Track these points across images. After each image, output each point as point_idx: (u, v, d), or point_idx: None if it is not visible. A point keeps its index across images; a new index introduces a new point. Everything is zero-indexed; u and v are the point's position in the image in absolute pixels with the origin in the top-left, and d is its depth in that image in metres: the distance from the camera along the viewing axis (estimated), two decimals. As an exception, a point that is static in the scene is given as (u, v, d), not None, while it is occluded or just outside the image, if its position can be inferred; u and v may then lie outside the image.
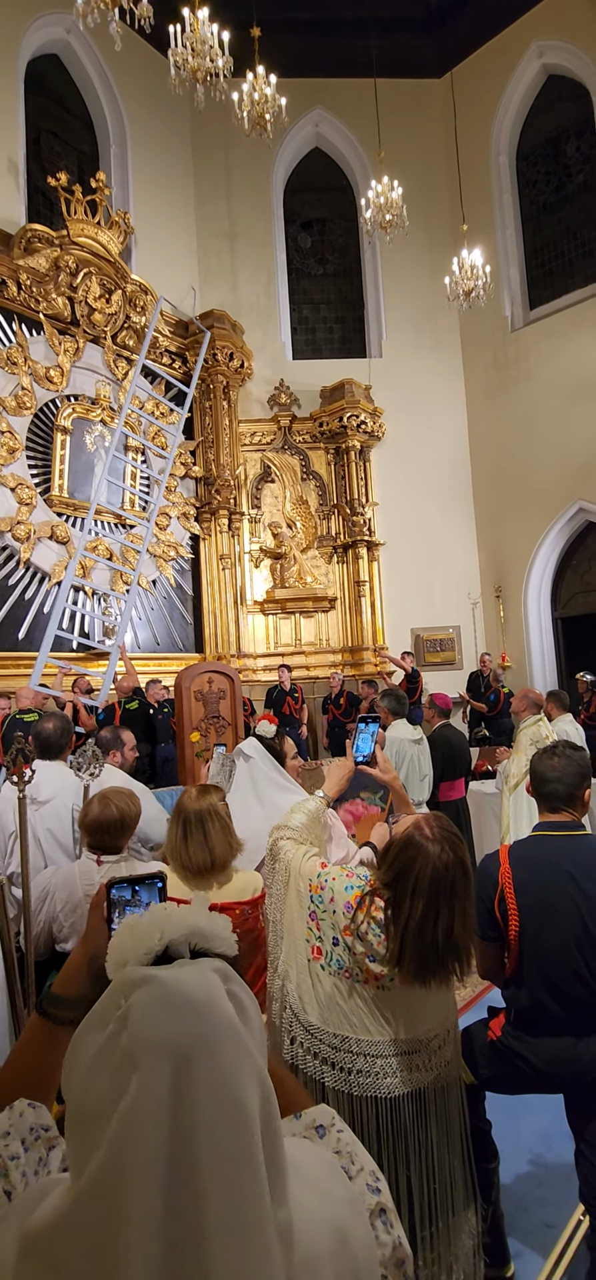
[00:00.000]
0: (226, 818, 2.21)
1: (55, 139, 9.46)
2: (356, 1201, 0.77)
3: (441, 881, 1.60)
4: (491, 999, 2.39)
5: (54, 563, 8.09)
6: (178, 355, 9.80)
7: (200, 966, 0.66)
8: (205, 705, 5.57)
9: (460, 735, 5.11)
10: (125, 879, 1.07)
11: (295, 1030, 1.78)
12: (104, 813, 2.38)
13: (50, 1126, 0.89)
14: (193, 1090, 0.57)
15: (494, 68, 10.80)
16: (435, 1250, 1.80)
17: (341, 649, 10.22)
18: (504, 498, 10.45)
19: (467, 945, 1.63)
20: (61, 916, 2.45)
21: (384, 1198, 0.90)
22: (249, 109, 6.44)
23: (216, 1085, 0.58)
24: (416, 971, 1.60)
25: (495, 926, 2.01)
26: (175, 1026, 0.59)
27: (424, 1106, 1.77)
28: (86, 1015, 0.65)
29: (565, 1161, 2.61)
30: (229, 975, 0.67)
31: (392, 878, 1.66)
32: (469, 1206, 1.87)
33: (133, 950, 0.66)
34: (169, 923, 0.68)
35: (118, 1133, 0.56)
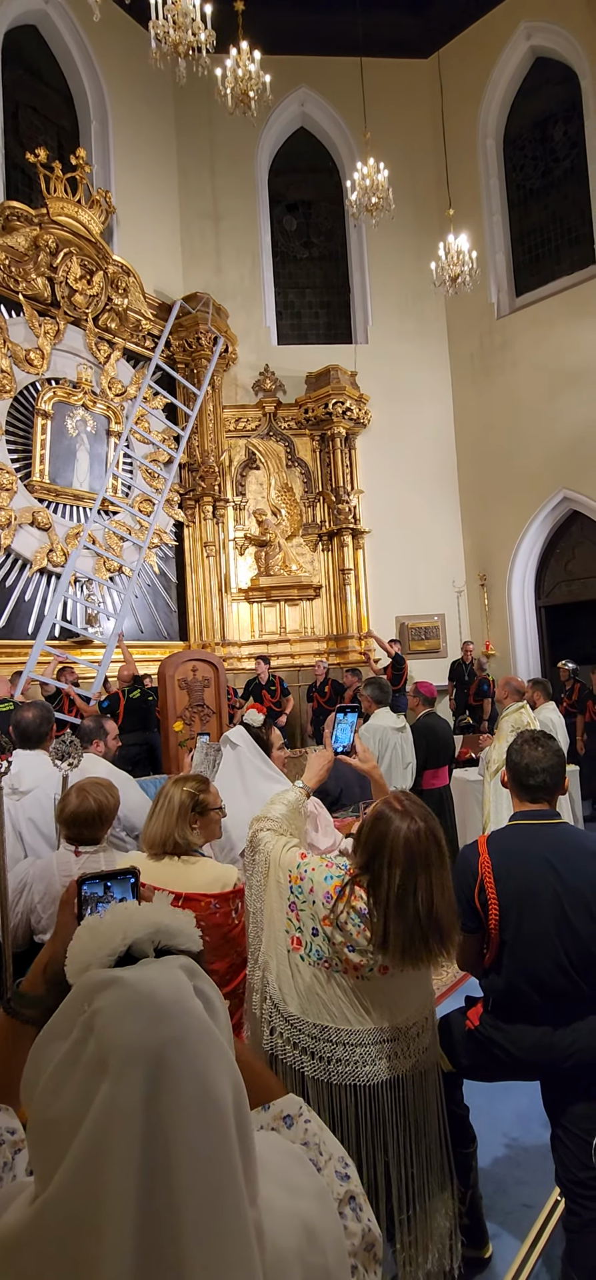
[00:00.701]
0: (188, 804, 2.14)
1: (34, 113, 9.24)
2: (324, 1195, 0.76)
3: (415, 850, 1.61)
4: (469, 987, 2.40)
5: (35, 549, 7.98)
6: (160, 338, 9.65)
7: (166, 965, 0.64)
8: (189, 694, 5.54)
9: (444, 723, 5.13)
10: (97, 875, 1.05)
11: (275, 1021, 1.78)
12: (81, 805, 2.36)
13: (16, 1130, 0.87)
14: (166, 1093, 0.56)
15: (481, 49, 10.70)
16: (413, 1233, 1.83)
17: (326, 637, 10.21)
18: (489, 486, 10.46)
19: (451, 922, 1.64)
20: (39, 908, 2.44)
21: (352, 1184, 0.90)
22: (232, 86, 6.31)
23: (191, 1086, 0.57)
24: (402, 951, 1.60)
25: (475, 917, 2.01)
26: (145, 1030, 0.57)
27: (402, 1093, 1.78)
28: (47, 1023, 0.63)
29: (542, 1143, 2.64)
30: (195, 972, 0.65)
31: (368, 857, 1.67)
32: (445, 1189, 1.90)
33: (95, 953, 0.65)
34: (131, 922, 0.67)
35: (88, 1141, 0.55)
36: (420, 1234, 1.80)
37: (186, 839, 2.09)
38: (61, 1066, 0.59)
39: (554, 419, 9.79)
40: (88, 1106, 0.55)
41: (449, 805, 4.97)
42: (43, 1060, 0.61)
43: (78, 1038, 0.59)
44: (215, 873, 2.10)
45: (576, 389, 9.61)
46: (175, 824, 2.09)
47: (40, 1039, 0.63)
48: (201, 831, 2.16)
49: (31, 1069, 0.63)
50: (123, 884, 1.05)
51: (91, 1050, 0.57)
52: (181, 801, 2.11)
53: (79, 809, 2.36)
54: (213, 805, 2.20)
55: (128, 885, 1.05)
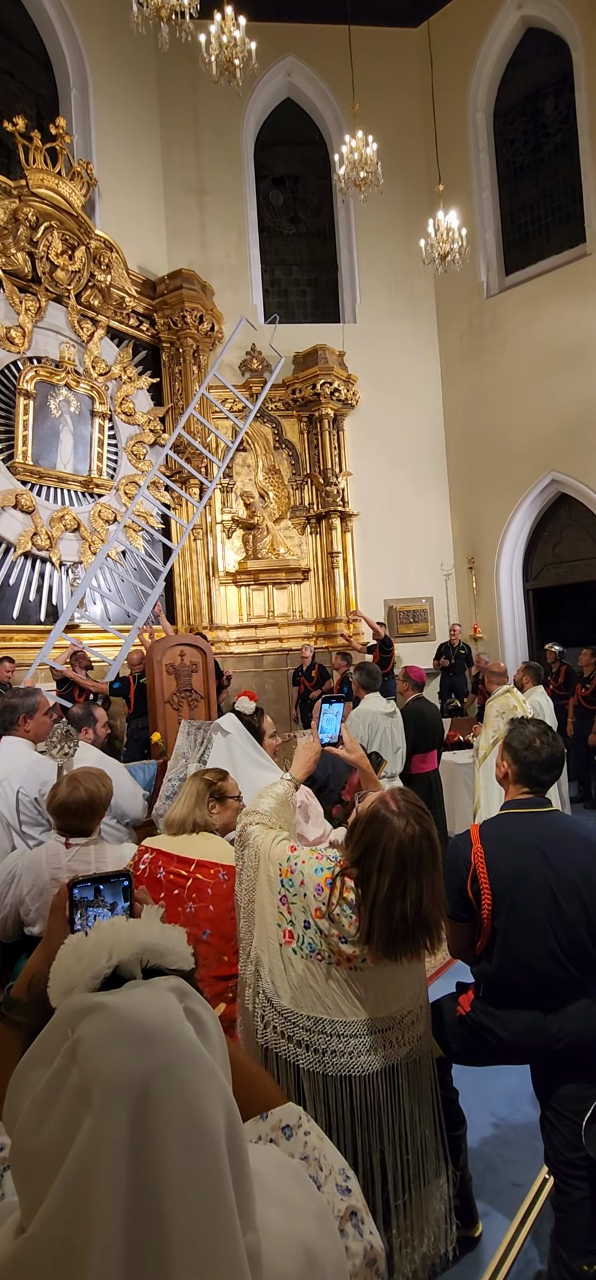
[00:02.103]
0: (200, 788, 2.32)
1: (11, 79, 8.95)
2: (324, 1215, 0.75)
3: (407, 854, 1.60)
4: (459, 971, 2.42)
5: (19, 533, 7.85)
6: (145, 316, 9.49)
7: (154, 987, 0.61)
8: (177, 679, 5.49)
9: (433, 707, 5.14)
10: (89, 878, 1.02)
11: (268, 1015, 1.77)
12: (72, 794, 2.33)
13: (4, 1146, 0.85)
14: (153, 1125, 0.54)
15: (471, 17, 10.51)
16: (408, 1218, 1.85)
17: (315, 620, 10.18)
18: (478, 468, 10.44)
19: (437, 919, 1.64)
20: (28, 900, 2.41)
21: (354, 1198, 0.89)
22: (217, 53, 6.15)
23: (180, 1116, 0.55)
24: (386, 947, 1.61)
25: (467, 907, 2.02)
26: (130, 1060, 0.55)
27: (397, 1081, 1.79)
28: (28, 1048, 0.60)
29: (531, 1122, 2.68)
30: (186, 992, 0.63)
31: (359, 854, 1.66)
32: (440, 1174, 1.92)
33: (79, 975, 0.62)
34: (117, 941, 0.64)
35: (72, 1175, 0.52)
36: (415, 1219, 1.82)
37: (206, 820, 2.29)
38: (43, 1095, 0.56)
39: (543, 400, 9.76)
40: (71, 1139, 0.53)
41: (437, 789, 4.99)
42: (24, 1086, 0.59)
43: (60, 1066, 0.56)
44: (227, 848, 2.21)
45: (566, 370, 9.58)
46: (194, 807, 2.29)
47: (22, 1064, 0.61)
48: (220, 816, 2.34)
49: (13, 1094, 0.60)
50: (115, 888, 1.03)
51: (74, 1080, 0.55)
52: (199, 789, 2.34)
53: (69, 798, 2.33)
54: (230, 794, 2.36)
55: (120, 889, 1.03)
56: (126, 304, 9.14)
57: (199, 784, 2.34)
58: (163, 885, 2.10)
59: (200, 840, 2.23)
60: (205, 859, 2.14)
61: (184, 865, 2.13)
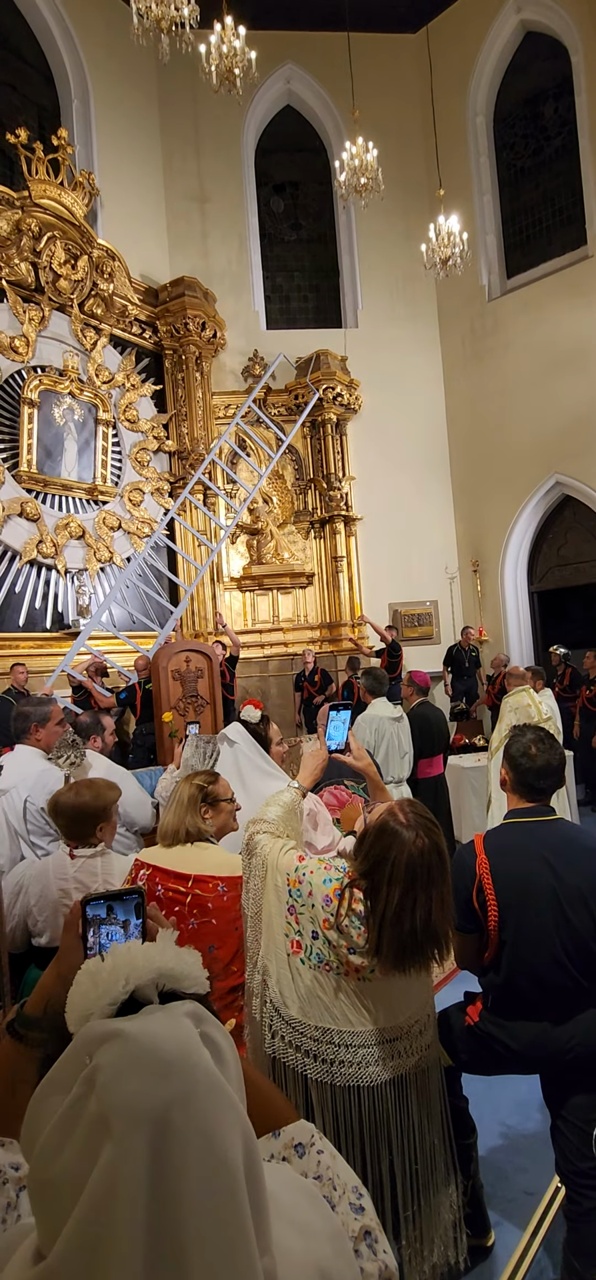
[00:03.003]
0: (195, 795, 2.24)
1: (13, 92, 9.01)
2: (339, 1236, 0.75)
3: (417, 868, 1.60)
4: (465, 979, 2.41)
5: (25, 540, 7.88)
6: (148, 324, 9.53)
7: (171, 1013, 0.61)
8: (183, 685, 5.50)
9: (438, 712, 5.13)
10: (101, 895, 1.03)
11: (276, 1025, 1.77)
12: (75, 800, 2.33)
13: (20, 1165, 0.85)
14: (172, 1155, 0.54)
15: (470, 22, 10.54)
16: (418, 1228, 1.84)
17: (319, 625, 10.19)
18: (481, 471, 10.43)
19: (446, 931, 1.63)
20: (35, 910, 2.41)
21: (367, 1217, 0.88)
22: (217, 63, 6.18)
23: (198, 1146, 0.55)
24: (395, 960, 1.60)
25: (473, 918, 2.01)
26: (149, 1089, 0.55)
27: (405, 1091, 1.78)
28: (46, 1074, 0.61)
29: (542, 1130, 2.67)
30: (202, 1017, 0.63)
31: (369, 867, 1.65)
32: (449, 1183, 1.91)
33: (96, 1001, 0.62)
34: (134, 967, 0.64)
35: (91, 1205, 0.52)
36: (425, 1229, 1.81)
37: (198, 828, 2.19)
38: (62, 1123, 0.56)
39: (546, 402, 9.75)
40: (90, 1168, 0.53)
41: (443, 793, 4.98)
42: (43, 1114, 0.59)
43: (78, 1094, 0.56)
44: (224, 857, 2.15)
45: (568, 372, 9.57)
46: (186, 814, 2.19)
47: (40, 1091, 0.61)
48: (213, 821, 2.25)
49: (31, 1120, 0.60)
50: (127, 905, 1.03)
51: (93, 1109, 0.55)
52: (190, 795, 2.22)
53: (68, 804, 2.33)
54: (222, 796, 2.27)
55: (132, 906, 1.03)
56: (129, 312, 9.18)
57: (190, 789, 2.25)
58: (163, 903, 2.04)
59: (195, 852, 2.15)
60: (202, 873, 2.08)
61: (181, 881, 2.06)
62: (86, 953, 1.01)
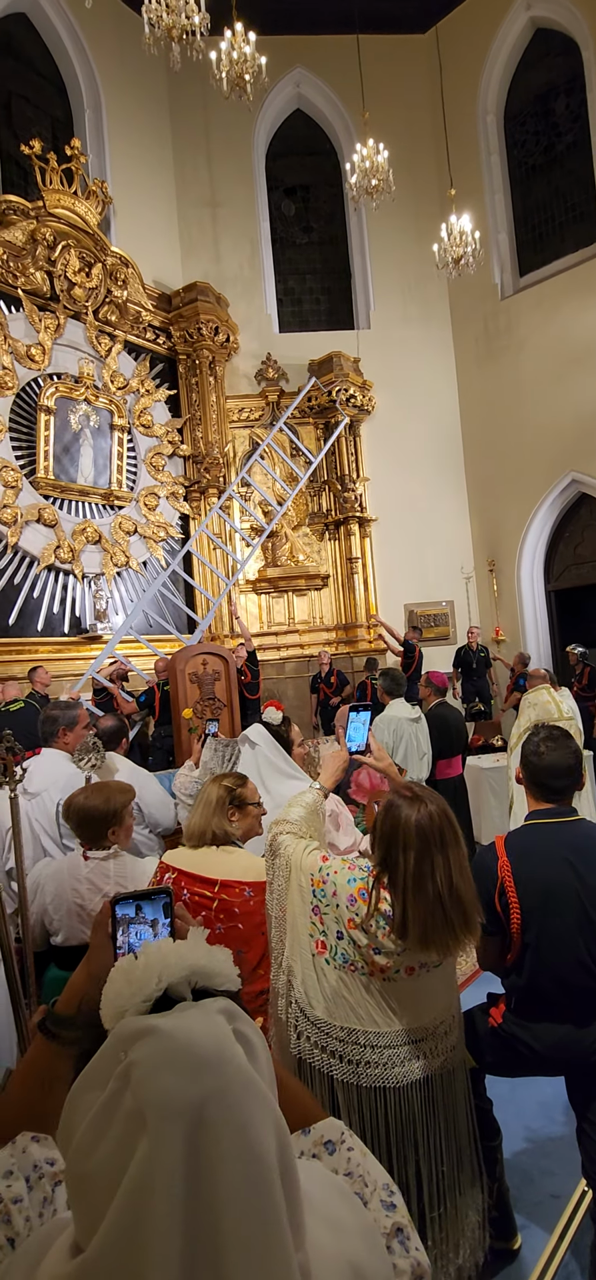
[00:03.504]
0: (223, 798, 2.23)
1: (27, 104, 9.12)
2: (371, 1232, 0.75)
3: (428, 831, 1.61)
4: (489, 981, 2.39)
5: (42, 546, 7.96)
6: (161, 330, 9.60)
7: (204, 1010, 0.62)
8: (200, 687, 5.52)
9: (456, 712, 5.10)
10: (130, 895, 1.04)
11: (301, 1025, 1.77)
12: (86, 802, 2.36)
13: (56, 1161, 0.86)
14: (208, 1150, 0.54)
15: (480, 21, 10.50)
16: (444, 1230, 1.83)
17: (335, 626, 10.18)
18: (496, 470, 10.37)
19: (471, 898, 1.62)
20: (50, 909, 2.44)
21: (399, 1214, 0.88)
22: (227, 69, 6.21)
23: (233, 1141, 0.55)
24: (422, 935, 1.58)
25: (496, 920, 2.00)
26: (184, 1084, 0.55)
27: (431, 1092, 1.78)
28: (82, 1071, 0.61)
29: (567, 1133, 2.64)
30: (235, 1014, 0.63)
31: (384, 848, 1.66)
32: (475, 1185, 1.89)
33: (130, 998, 0.63)
34: (167, 965, 0.64)
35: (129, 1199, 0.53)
36: (451, 1230, 1.80)
37: (225, 830, 2.19)
38: (98, 1118, 0.57)
39: (560, 400, 9.67)
40: (126, 1163, 0.53)
41: (463, 794, 4.95)
42: (79, 1109, 0.59)
43: (114, 1090, 0.57)
44: (250, 861, 2.15)
45: (583, 369, 9.49)
46: (213, 816, 2.19)
47: (76, 1087, 0.62)
48: (240, 824, 2.25)
49: (68, 1116, 0.61)
50: (155, 904, 1.04)
51: (128, 1104, 0.55)
52: (218, 796, 2.22)
53: (82, 806, 2.36)
54: (250, 800, 2.28)
55: (160, 906, 1.04)
56: (143, 318, 9.25)
57: (218, 790, 2.25)
58: (189, 907, 2.02)
59: (221, 855, 2.15)
60: (228, 878, 2.07)
61: (207, 886, 2.06)
62: (116, 952, 1.02)
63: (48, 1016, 1.05)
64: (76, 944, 2.37)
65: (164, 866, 2.19)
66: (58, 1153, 0.87)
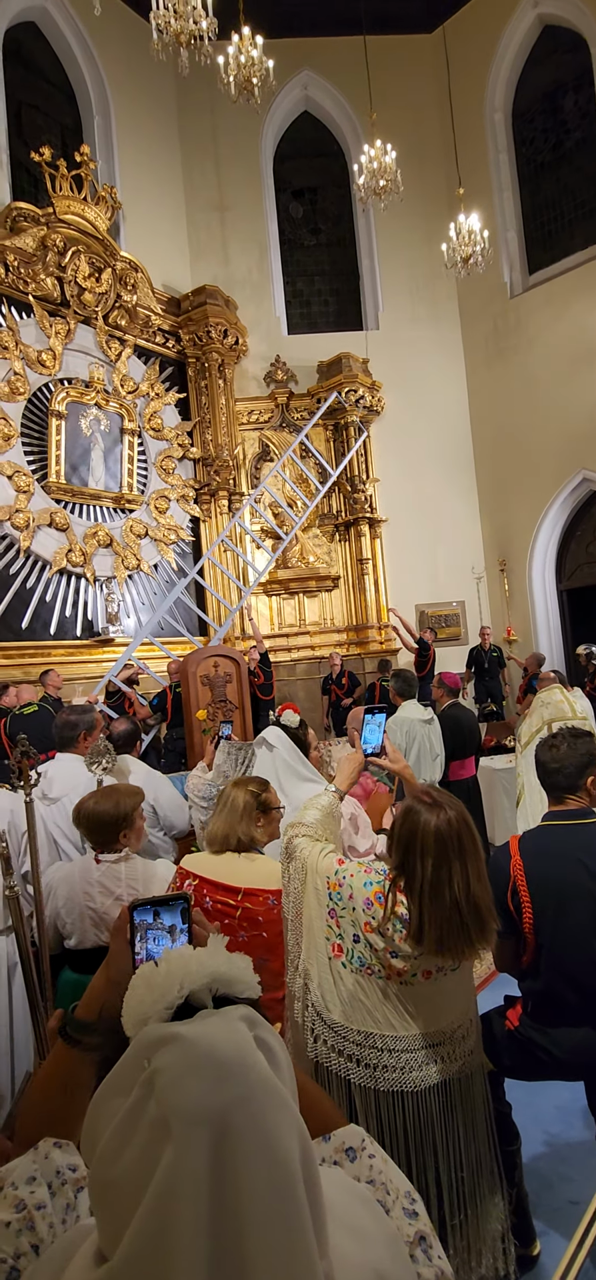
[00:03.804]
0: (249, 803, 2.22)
1: (36, 112, 9.20)
2: (395, 1241, 0.74)
3: (447, 837, 1.60)
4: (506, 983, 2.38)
5: (54, 550, 8.01)
6: (171, 333, 9.63)
7: (226, 1017, 0.62)
8: (212, 689, 5.53)
9: (469, 713, 5.07)
10: (148, 901, 1.03)
11: (318, 1029, 1.76)
12: (96, 807, 2.36)
13: (78, 1167, 0.86)
14: (233, 1158, 0.54)
15: (487, 20, 10.47)
16: (465, 1237, 1.81)
17: (346, 628, 10.17)
18: (506, 469, 10.32)
19: (488, 904, 1.61)
20: (63, 913, 2.45)
21: (421, 1222, 0.87)
22: (235, 73, 6.22)
23: (257, 1148, 0.55)
24: (438, 941, 1.58)
25: (509, 920, 1.99)
26: (208, 1091, 0.55)
27: (450, 1097, 1.76)
28: (106, 1078, 0.61)
29: (586, 1139, 2.62)
30: (256, 1021, 0.63)
31: (401, 853, 1.65)
32: (496, 1191, 1.88)
33: (152, 1006, 0.62)
34: (188, 972, 0.64)
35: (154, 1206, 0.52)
36: (472, 1238, 1.79)
37: (251, 836, 2.18)
38: (122, 1126, 0.57)
39: (571, 398, 9.61)
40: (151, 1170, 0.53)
41: (476, 795, 4.92)
42: (103, 1116, 0.59)
43: (138, 1097, 0.57)
44: (273, 868, 2.13)
45: (593, 367, 9.43)
46: (239, 822, 2.17)
47: (99, 1094, 0.61)
48: (265, 830, 2.24)
49: (91, 1123, 0.61)
50: (173, 910, 1.04)
51: (153, 1112, 0.55)
52: (245, 801, 2.21)
53: (94, 810, 2.36)
54: (273, 804, 2.28)
55: (178, 911, 1.03)
56: (152, 322, 9.29)
57: (244, 795, 2.22)
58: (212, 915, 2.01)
59: (243, 863, 2.14)
60: (252, 886, 2.06)
61: (230, 894, 2.05)
62: (134, 958, 1.01)
63: (68, 1022, 1.05)
64: (90, 947, 2.38)
65: (184, 872, 2.18)
66: (79, 1159, 0.87)
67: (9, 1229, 0.74)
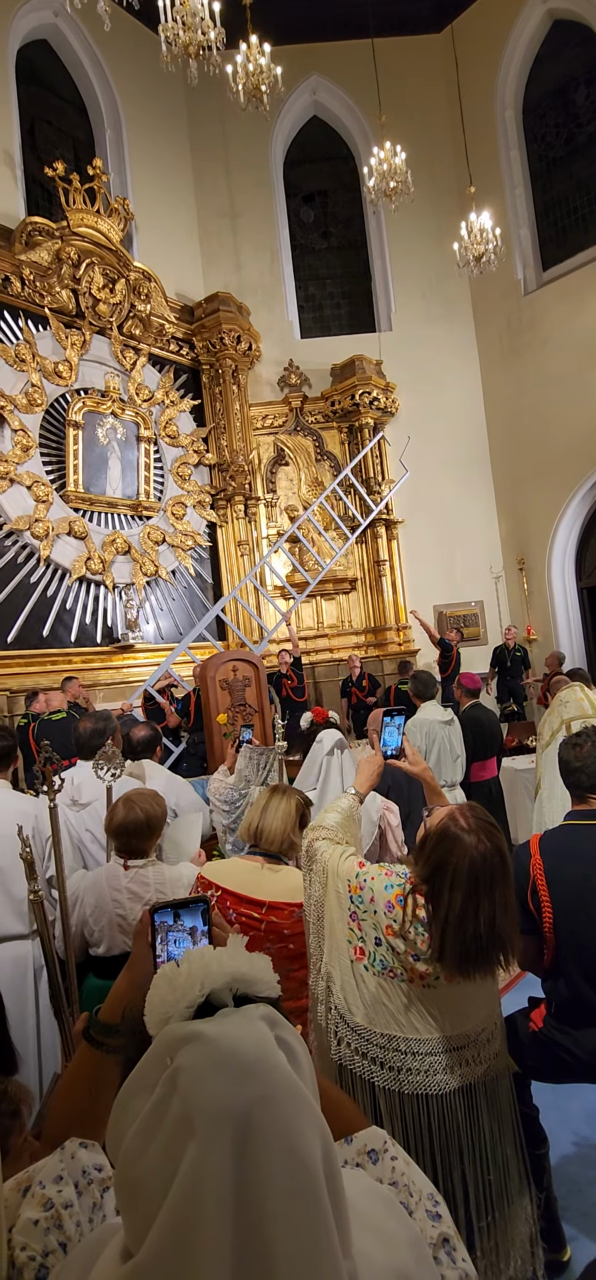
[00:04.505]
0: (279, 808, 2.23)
1: (49, 127, 9.34)
2: (418, 1243, 0.74)
3: (480, 872, 1.57)
4: (530, 984, 2.35)
5: (73, 558, 8.11)
6: (184, 341, 9.71)
7: (247, 1016, 0.62)
8: (231, 693, 5.55)
9: (490, 714, 5.03)
10: (168, 904, 1.04)
11: (342, 1031, 1.76)
12: (128, 816, 2.37)
13: (103, 1166, 0.87)
14: (256, 1155, 0.54)
15: (495, 17, 10.42)
16: (493, 1240, 1.79)
17: (364, 630, 10.14)
18: (523, 467, 10.23)
19: (512, 935, 1.60)
20: (91, 920, 2.46)
21: (444, 1224, 0.87)
22: (244, 81, 6.27)
23: (279, 1146, 0.55)
24: (459, 964, 1.58)
25: (529, 918, 1.98)
26: (231, 1089, 0.56)
27: (475, 1100, 1.75)
28: (129, 1076, 0.61)
29: (616, 1142, 2.58)
30: (276, 1021, 0.63)
31: (430, 871, 1.63)
32: (524, 1195, 1.86)
33: (174, 1005, 0.63)
34: (209, 972, 0.65)
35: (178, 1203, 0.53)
36: (500, 1241, 1.77)
37: (293, 845, 2.20)
38: (146, 1124, 0.57)
39: (588, 393, 9.51)
40: (175, 1167, 0.54)
41: (498, 797, 4.88)
42: (127, 1115, 0.60)
43: (161, 1095, 0.57)
44: (296, 880, 2.12)
45: (610, 360, 9.31)
46: (287, 828, 2.20)
47: (123, 1092, 0.62)
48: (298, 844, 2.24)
49: (115, 1122, 0.62)
50: (193, 912, 1.04)
51: (176, 1109, 0.56)
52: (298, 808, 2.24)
53: (126, 819, 2.38)
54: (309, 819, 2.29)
55: (198, 914, 1.04)
56: (166, 330, 9.36)
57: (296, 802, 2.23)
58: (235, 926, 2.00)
59: (268, 874, 2.13)
60: (276, 900, 2.05)
61: (255, 908, 2.04)
62: (156, 960, 1.02)
63: (91, 1024, 1.06)
64: (118, 953, 2.39)
65: (206, 882, 2.17)
66: (105, 1159, 0.88)
67: (37, 1227, 0.75)
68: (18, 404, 7.82)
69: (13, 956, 2.58)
